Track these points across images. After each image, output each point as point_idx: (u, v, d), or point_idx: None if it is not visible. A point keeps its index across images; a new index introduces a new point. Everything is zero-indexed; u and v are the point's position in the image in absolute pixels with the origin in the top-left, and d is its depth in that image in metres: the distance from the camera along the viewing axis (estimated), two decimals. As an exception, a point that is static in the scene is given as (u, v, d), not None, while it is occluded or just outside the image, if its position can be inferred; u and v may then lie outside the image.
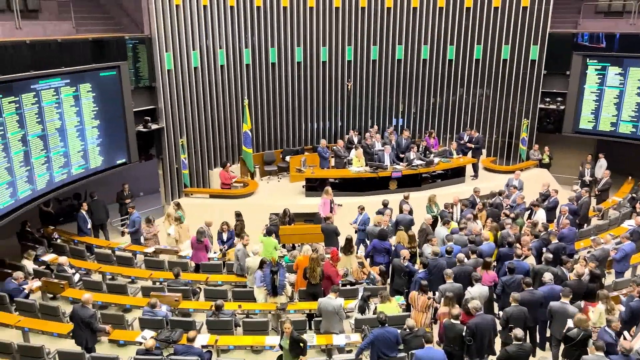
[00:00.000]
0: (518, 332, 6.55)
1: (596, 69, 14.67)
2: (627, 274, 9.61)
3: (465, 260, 8.62)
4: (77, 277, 9.81)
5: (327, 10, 15.14)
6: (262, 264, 8.60)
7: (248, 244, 9.55)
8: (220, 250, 10.63)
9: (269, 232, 10.16)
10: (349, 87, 15.85)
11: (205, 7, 13.65)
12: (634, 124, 14.32)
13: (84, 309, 7.57)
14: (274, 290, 8.40)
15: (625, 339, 7.02)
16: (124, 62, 12.36)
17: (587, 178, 13.80)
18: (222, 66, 14.29)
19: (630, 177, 14.34)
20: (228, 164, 13.78)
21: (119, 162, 12.68)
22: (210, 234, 10.69)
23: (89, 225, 11.77)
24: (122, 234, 12.04)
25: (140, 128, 13.10)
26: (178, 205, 11.65)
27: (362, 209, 11.01)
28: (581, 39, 14.76)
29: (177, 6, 13.15)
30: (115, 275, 10.30)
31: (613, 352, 6.53)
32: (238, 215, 11.16)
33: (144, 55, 12.97)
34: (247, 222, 11.08)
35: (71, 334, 7.78)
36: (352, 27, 15.43)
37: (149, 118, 13.23)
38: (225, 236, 10.70)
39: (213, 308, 8.06)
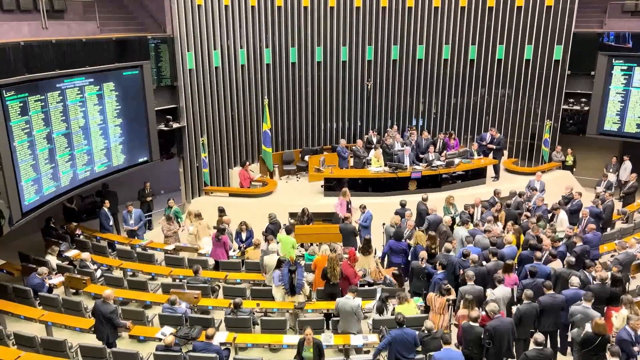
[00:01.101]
0: (539, 336, 6.45)
1: (622, 70, 14.36)
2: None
3: (484, 262, 8.51)
4: (99, 273, 9.98)
5: (348, 10, 15.11)
6: (280, 263, 8.62)
7: (272, 242, 9.59)
8: (239, 248, 10.70)
9: (287, 231, 10.18)
10: (369, 87, 15.79)
11: (226, 7, 13.75)
12: (661, 126, 13.98)
13: (106, 305, 7.69)
14: (292, 289, 8.42)
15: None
16: (147, 61, 12.51)
17: (601, 189, 12.84)
18: (242, 66, 14.38)
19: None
20: (247, 163, 13.85)
21: (140, 160, 12.84)
22: (230, 231, 10.77)
23: (111, 222, 11.96)
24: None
25: (162, 127, 13.25)
26: (174, 202, 12.04)
27: (363, 207, 11.06)
28: (607, 38, 14.46)
29: (199, 6, 13.26)
30: (136, 272, 10.44)
31: (629, 351, 6.41)
32: (221, 210, 11.20)
33: (166, 54, 13.12)
34: (266, 220, 11.12)
35: (93, 329, 7.91)
36: (373, 27, 15.37)
37: (170, 117, 13.37)
38: (244, 235, 10.77)
39: (232, 306, 8.10)
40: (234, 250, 10.74)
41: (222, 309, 8.66)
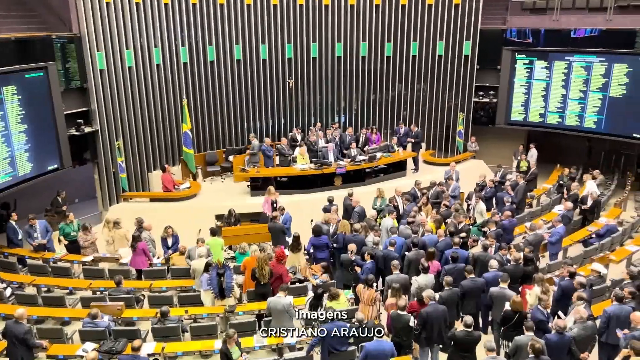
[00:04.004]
0: (468, 319, 6.76)
1: (524, 63, 15.42)
2: (559, 256, 10.20)
3: (406, 253, 8.83)
4: (8, 291, 9.23)
5: (265, 8, 15.01)
6: (207, 266, 8.45)
7: (201, 246, 9.32)
8: (164, 254, 10.33)
9: (213, 233, 9.98)
10: (291, 85, 15.83)
11: (137, 4, 13.18)
12: (559, 115, 15.19)
13: (18, 325, 7.14)
14: (222, 292, 8.28)
15: (559, 317, 7.44)
16: (52, 62, 11.75)
17: (497, 179, 13.09)
18: (158, 65, 13.87)
19: (558, 165, 15.19)
20: (167, 166, 13.40)
21: (50, 168, 12.05)
22: (152, 238, 10.38)
23: (20, 236, 11.08)
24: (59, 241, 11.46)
25: (73, 131, 12.51)
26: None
27: (282, 209, 10.95)
28: (510, 34, 15.47)
29: (107, 3, 12.62)
30: (51, 288, 9.78)
31: (545, 328, 6.91)
32: (116, 223, 10.80)
33: (74, 55, 12.38)
34: (191, 225, 10.83)
35: (5, 352, 7.31)
36: (291, 25, 15.39)
37: (81, 121, 12.65)
38: (170, 241, 10.41)
39: (158, 315, 7.83)
40: (158, 257, 10.37)
41: (148, 319, 8.33)
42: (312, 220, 10.84)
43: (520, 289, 8.20)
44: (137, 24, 13.28)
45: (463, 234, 9.78)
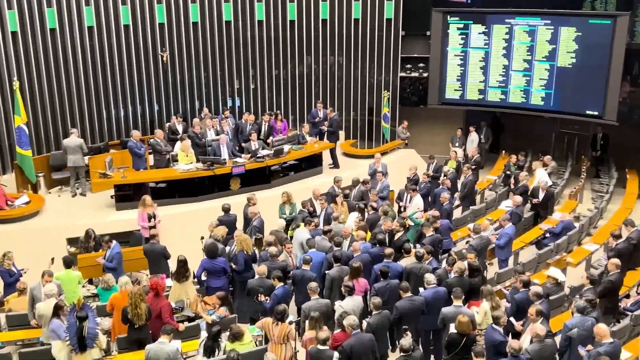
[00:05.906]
0: (404, 342, 6.95)
1: (458, 28, 16.15)
2: (510, 262, 10.78)
3: (327, 272, 8.96)
4: None
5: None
6: (57, 309, 8.03)
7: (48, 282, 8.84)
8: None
9: (67, 264, 9.51)
10: (165, 59, 15.48)
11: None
12: (502, 90, 16.09)
13: None
14: (81, 343, 7.89)
15: (514, 336, 7.87)
16: None
17: (430, 172, 13.78)
18: (-26, 36, 13.04)
19: (503, 152, 16.07)
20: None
21: None
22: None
23: None
24: None
25: None
26: None
27: (109, 241, 10.41)
28: (440, -8, 16.14)
29: None
30: None
31: (504, 351, 7.28)
32: None
33: None
34: (33, 253, 10.26)
35: None
36: (162, -20, 15.13)
37: None
38: (15, 270, 9.83)
39: (-9, 382, 7.33)
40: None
41: (-24, 390, 7.80)
42: (202, 238, 10.70)
43: (466, 306, 8.57)
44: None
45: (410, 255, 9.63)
